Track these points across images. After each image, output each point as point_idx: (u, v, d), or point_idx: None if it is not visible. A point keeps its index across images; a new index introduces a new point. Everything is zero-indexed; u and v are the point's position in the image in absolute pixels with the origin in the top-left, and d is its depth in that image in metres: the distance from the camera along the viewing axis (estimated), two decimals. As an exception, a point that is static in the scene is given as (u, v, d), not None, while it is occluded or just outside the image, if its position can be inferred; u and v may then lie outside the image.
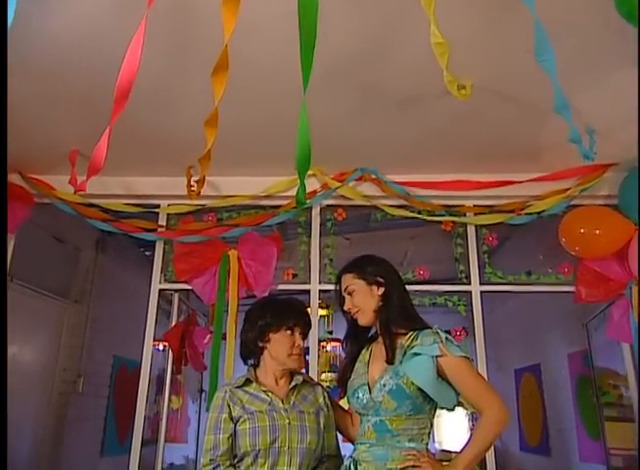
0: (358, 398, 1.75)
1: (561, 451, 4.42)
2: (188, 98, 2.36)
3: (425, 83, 2.27)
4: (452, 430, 5.65)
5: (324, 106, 2.38)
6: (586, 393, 3.94)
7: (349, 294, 1.84)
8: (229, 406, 1.77)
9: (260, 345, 1.86)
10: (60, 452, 3.89)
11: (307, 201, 2.99)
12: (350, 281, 1.85)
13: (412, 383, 1.65)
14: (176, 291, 3.19)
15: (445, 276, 3.26)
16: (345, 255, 3.15)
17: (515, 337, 5.13)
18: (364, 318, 1.82)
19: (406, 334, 1.75)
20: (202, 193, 3.00)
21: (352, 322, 1.86)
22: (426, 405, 1.70)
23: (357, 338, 1.89)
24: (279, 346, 1.83)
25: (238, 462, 1.74)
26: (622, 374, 3.36)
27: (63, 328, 4.08)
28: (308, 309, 2.87)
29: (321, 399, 1.88)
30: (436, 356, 1.66)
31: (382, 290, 1.82)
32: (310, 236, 3.15)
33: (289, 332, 1.83)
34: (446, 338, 1.70)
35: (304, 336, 1.88)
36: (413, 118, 2.55)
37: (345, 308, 1.85)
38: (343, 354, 2.03)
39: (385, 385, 1.69)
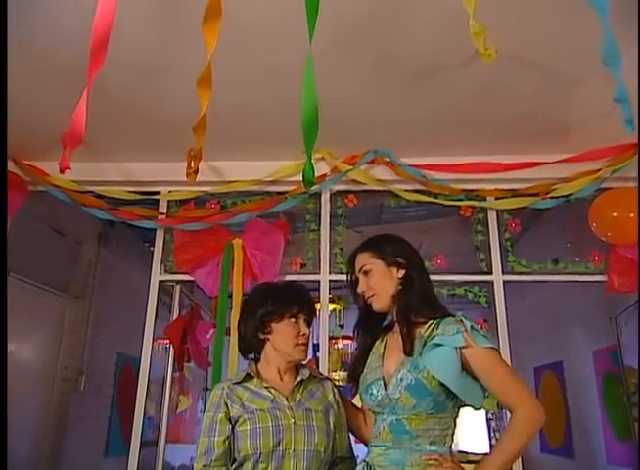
0: (372, 394, 1.55)
1: (586, 453, 4.21)
2: (184, 74, 2.18)
3: (443, 51, 2.07)
4: (470, 429, 5.43)
5: (332, 80, 2.19)
6: (614, 392, 3.72)
7: (365, 274, 1.64)
8: (226, 405, 1.59)
9: (262, 337, 1.67)
10: (61, 453, 3.78)
11: (316, 186, 2.81)
12: (367, 260, 1.65)
13: (433, 377, 1.45)
14: (177, 282, 3.01)
15: (462, 271, 3.05)
16: (357, 248, 2.97)
17: (534, 333, 4.92)
18: (380, 303, 1.62)
19: (425, 323, 1.55)
20: (205, 179, 2.87)
21: (365, 308, 1.67)
22: (448, 403, 1.50)
23: (370, 326, 1.69)
24: (283, 336, 1.64)
25: (237, 468, 1.55)
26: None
27: (63, 324, 3.97)
28: (317, 304, 2.69)
29: (330, 396, 1.69)
30: (460, 347, 1.46)
31: (402, 273, 1.62)
32: (320, 224, 2.96)
33: (292, 320, 1.65)
34: (471, 327, 1.50)
35: (309, 323, 1.69)
36: (430, 92, 2.35)
37: (359, 291, 1.65)
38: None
39: (402, 379, 1.49)
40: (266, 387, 1.63)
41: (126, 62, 2.14)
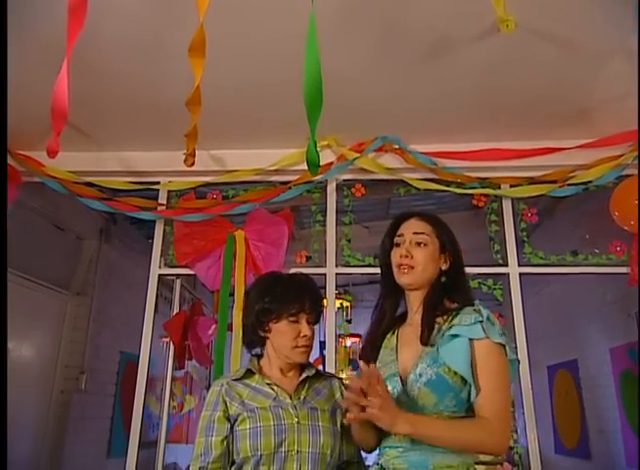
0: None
1: (603, 455, 4.05)
2: (183, 58, 2.06)
3: (455, 26, 1.95)
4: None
5: (337, 60, 2.06)
6: (633, 391, 3.57)
7: (417, 245, 1.46)
8: (225, 403, 1.46)
9: (262, 334, 1.54)
10: (63, 453, 3.70)
11: (322, 175, 2.69)
12: (427, 230, 1.48)
13: (455, 372, 1.31)
14: (178, 276, 2.90)
15: (476, 263, 2.91)
16: (364, 244, 2.85)
17: (548, 329, 4.77)
18: (411, 278, 1.45)
19: (444, 314, 1.42)
20: (205, 169, 2.77)
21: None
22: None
23: (396, 297, 1.54)
24: (281, 337, 1.50)
25: (236, 470, 1.43)
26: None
27: (64, 322, 3.89)
28: (324, 301, 2.56)
29: (338, 394, 1.56)
30: (473, 339, 1.33)
31: (447, 265, 1.48)
32: (326, 214, 2.83)
33: (292, 319, 1.49)
34: (488, 318, 1.36)
35: (314, 321, 1.54)
36: (440, 72, 2.22)
37: (401, 254, 1.47)
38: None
39: (421, 375, 1.34)
40: (268, 384, 1.51)
41: (124, 43, 2.04)
